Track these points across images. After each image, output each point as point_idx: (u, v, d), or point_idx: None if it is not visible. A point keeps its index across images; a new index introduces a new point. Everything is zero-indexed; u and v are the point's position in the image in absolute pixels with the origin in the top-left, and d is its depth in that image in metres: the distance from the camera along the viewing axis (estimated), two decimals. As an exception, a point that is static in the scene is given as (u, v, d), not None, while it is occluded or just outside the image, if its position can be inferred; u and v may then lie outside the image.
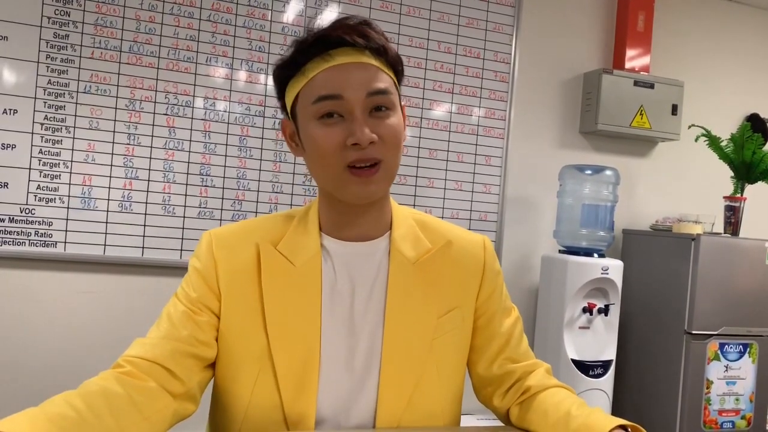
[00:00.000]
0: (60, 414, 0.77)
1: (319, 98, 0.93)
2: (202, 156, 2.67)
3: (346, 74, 0.93)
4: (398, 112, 0.97)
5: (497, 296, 1.11)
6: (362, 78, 0.93)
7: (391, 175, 0.98)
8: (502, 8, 3.09)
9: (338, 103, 0.92)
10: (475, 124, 3.07)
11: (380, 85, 0.94)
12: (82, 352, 2.55)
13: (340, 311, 1.00)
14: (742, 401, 2.90)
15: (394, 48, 0.99)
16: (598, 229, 2.96)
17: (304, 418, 0.97)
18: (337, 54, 0.93)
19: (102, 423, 0.81)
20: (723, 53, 3.64)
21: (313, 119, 0.94)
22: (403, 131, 1.00)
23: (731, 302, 2.86)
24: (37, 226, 2.47)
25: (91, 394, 0.83)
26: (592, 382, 2.81)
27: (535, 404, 1.04)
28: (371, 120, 0.94)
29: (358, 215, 1.01)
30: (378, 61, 0.95)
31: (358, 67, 0.93)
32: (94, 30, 2.52)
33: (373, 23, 0.98)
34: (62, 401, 0.80)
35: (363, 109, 0.93)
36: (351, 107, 0.92)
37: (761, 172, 2.98)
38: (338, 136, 0.92)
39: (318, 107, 0.93)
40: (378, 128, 0.93)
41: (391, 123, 0.95)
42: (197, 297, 1.00)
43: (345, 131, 0.92)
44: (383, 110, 0.95)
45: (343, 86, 0.92)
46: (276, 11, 2.75)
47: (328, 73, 0.93)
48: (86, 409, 0.80)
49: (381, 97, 0.94)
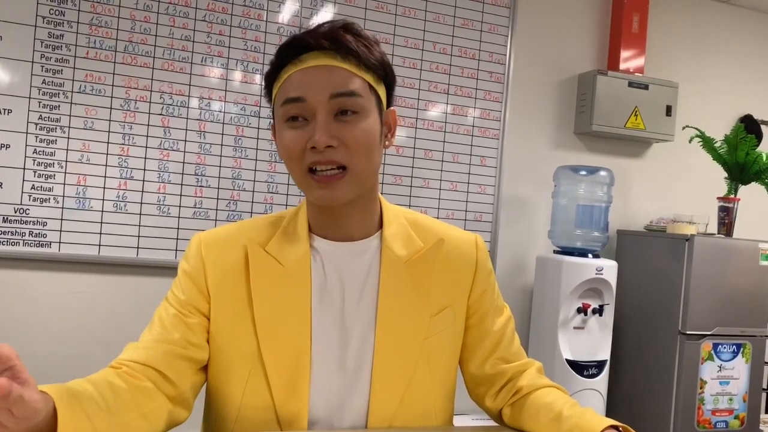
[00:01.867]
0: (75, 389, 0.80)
1: (285, 101, 0.94)
2: (197, 156, 2.67)
3: (311, 77, 0.92)
4: (370, 117, 0.95)
5: (489, 295, 1.11)
6: (326, 80, 0.92)
7: (361, 180, 0.96)
8: (497, 9, 3.10)
9: (301, 105, 0.92)
10: (470, 125, 3.08)
11: (345, 88, 0.92)
12: (77, 353, 2.55)
13: (331, 311, 1.00)
14: (735, 401, 2.91)
15: (377, 52, 0.97)
16: (593, 229, 2.97)
17: (297, 418, 0.97)
18: (307, 58, 0.93)
19: (110, 411, 0.83)
20: (717, 55, 3.65)
21: (282, 122, 0.95)
22: (378, 136, 0.97)
23: (725, 303, 2.88)
24: (31, 226, 2.47)
25: (98, 383, 0.85)
26: (586, 382, 2.81)
27: (527, 405, 1.04)
28: (335, 124, 0.92)
29: (340, 216, 1.01)
30: (348, 64, 0.93)
31: (324, 70, 0.93)
32: (89, 30, 2.51)
33: (357, 27, 0.97)
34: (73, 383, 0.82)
35: (327, 112, 0.92)
36: (313, 110, 0.92)
37: (755, 173, 2.99)
38: (301, 139, 0.92)
39: (285, 110, 0.94)
40: (341, 132, 0.92)
41: (357, 127, 0.93)
42: (187, 299, 1.00)
43: (307, 134, 0.92)
44: (349, 114, 0.93)
45: (306, 89, 0.92)
46: (271, 11, 2.75)
47: (295, 77, 0.93)
48: (97, 394, 0.82)
49: (345, 99, 0.92)
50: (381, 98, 0.99)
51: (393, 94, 1.03)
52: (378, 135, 0.97)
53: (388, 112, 1.02)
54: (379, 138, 0.98)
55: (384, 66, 0.99)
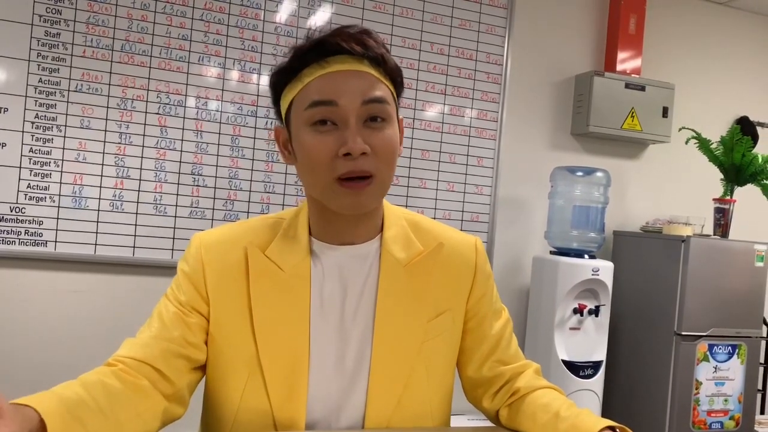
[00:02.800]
0: (67, 396, 0.80)
1: (312, 103, 0.91)
2: (194, 155, 2.66)
3: (342, 81, 0.91)
4: (394, 125, 0.95)
5: (488, 298, 1.11)
6: (358, 86, 0.91)
7: (384, 188, 0.96)
8: (495, 10, 3.10)
9: (332, 109, 0.90)
10: (467, 125, 3.08)
11: (376, 94, 0.92)
12: (72, 352, 2.54)
13: (330, 315, 1.00)
14: (730, 402, 2.92)
15: (393, 59, 0.97)
16: (589, 230, 2.98)
17: (294, 422, 0.97)
18: (333, 61, 0.92)
19: (102, 413, 0.82)
20: (714, 56, 3.66)
21: (305, 126, 0.93)
22: (399, 145, 0.98)
23: (720, 304, 2.88)
24: (27, 225, 2.46)
25: (91, 385, 0.85)
26: (582, 382, 2.82)
27: (524, 406, 1.04)
28: (365, 130, 0.92)
29: (348, 223, 1.00)
30: (376, 71, 0.93)
31: (355, 75, 0.92)
32: (86, 29, 2.51)
33: (374, 33, 0.96)
34: (65, 387, 0.82)
35: (357, 118, 0.91)
36: (345, 115, 0.90)
37: (751, 174, 3.00)
38: (331, 145, 0.90)
39: (311, 113, 0.91)
40: (371, 139, 0.91)
41: (385, 134, 0.93)
42: (186, 300, 0.99)
43: (338, 140, 0.90)
44: (378, 121, 0.92)
45: (338, 93, 0.90)
46: (269, 11, 2.75)
47: (323, 80, 0.91)
48: (88, 397, 0.82)
49: (377, 106, 0.92)
50: (398, 107, 0.99)
51: (400, 100, 1.03)
52: (399, 143, 0.97)
53: (399, 120, 1.01)
54: (398, 146, 0.98)
55: (400, 74, 0.99)
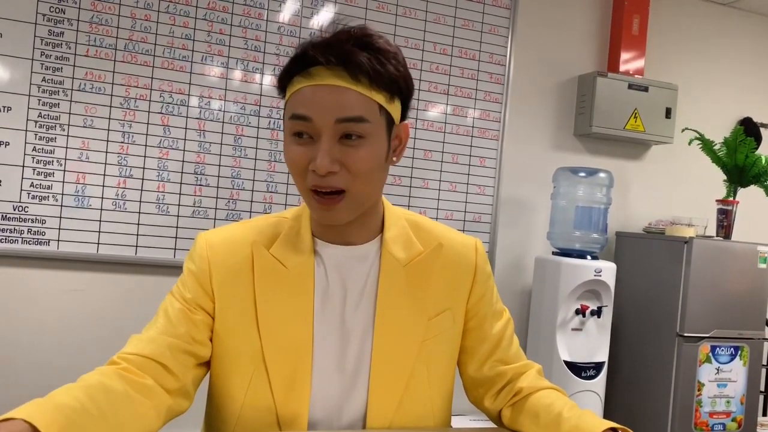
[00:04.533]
0: (64, 403, 0.79)
1: (292, 116, 0.92)
2: (197, 155, 2.67)
3: (320, 96, 0.90)
4: (376, 142, 0.93)
5: (488, 299, 1.11)
6: (333, 102, 0.89)
7: (358, 203, 0.96)
8: (498, 10, 3.10)
9: (308, 124, 0.91)
10: (469, 126, 3.08)
11: (353, 113, 0.90)
12: (75, 351, 2.54)
13: (332, 314, 1.01)
14: (732, 403, 2.92)
15: (391, 67, 0.92)
16: (592, 231, 2.97)
17: (297, 420, 0.97)
18: (316, 73, 0.91)
19: (103, 416, 0.82)
20: (717, 57, 3.65)
21: (289, 134, 0.94)
22: (386, 156, 0.96)
23: (723, 305, 2.88)
24: (30, 224, 2.47)
25: (92, 388, 0.84)
26: (584, 383, 2.82)
27: (527, 406, 1.04)
28: (340, 147, 0.91)
29: (344, 226, 1.00)
30: (359, 86, 0.90)
31: (333, 91, 0.90)
32: (89, 28, 2.51)
33: (377, 38, 0.93)
34: (64, 392, 0.81)
35: (332, 135, 0.90)
36: (318, 131, 0.90)
37: (754, 175, 2.99)
38: (305, 157, 0.91)
39: (292, 124, 0.93)
40: (345, 157, 0.91)
41: (360, 154, 0.91)
42: (192, 297, 1.00)
43: (310, 153, 0.91)
44: (353, 138, 0.91)
45: (314, 109, 0.90)
46: (272, 11, 2.75)
47: (303, 92, 0.91)
48: (88, 401, 0.81)
49: (351, 124, 0.90)
50: (392, 116, 0.96)
51: (409, 105, 1.00)
52: (383, 157, 0.95)
53: (401, 126, 0.99)
54: (385, 158, 0.96)
55: (399, 81, 0.94)
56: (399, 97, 0.96)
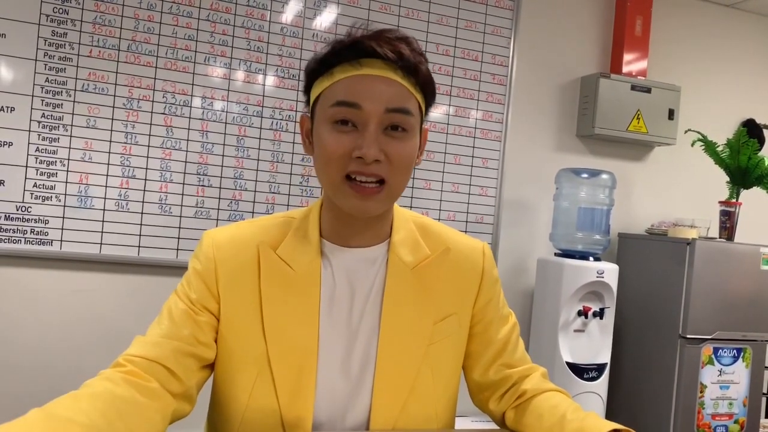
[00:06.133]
0: (70, 419, 0.77)
1: (337, 102, 0.92)
2: (200, 155, 2.67)
3: (370, 85, 0.91)
4: (415, 136, 0.96)
5: (495, 303, 1.11)
6: (385, 93, 0.91)
7: (394, 196, 0.97)
8: (501, 11, 3.10)
9: (355, 112, 0.91)
10: (472, 127, 3.08)
11: (402, 104, 0.92)
12: (78, 351, 2.55)
13: (338, 317, 1.00)
14: (735, 405, 2.91)
15: (426, 70, 0.96)
16: (594, 232, 2.97)
17: (302, 422, 0.97)
18: (367, 63, 0.92)
19: (111, 427, 0.80)
20: (720, 58, 3.65)
21: (327, 122, 0.93)
22: (417, 156, 0.98)
23: (726, 307, 2.87)
24: (33, 224, 2.47)
25: (98, 397, 0.83)
26: (586, 385, 2.81)
27: (531, 408, 1.04)
28: (384, 137, 0.92)
29: (359, 225, 1.01)
30: (406, 81, 0.93)
31: (384, 82, 0.92)
32: (93, 28, 2.52)
33: (414, 42, 0.96)
34: (71, 404, 0.80)
35: (378, 124, 0.91)
36: (366, 119, 0.91)
37: (757, 177, 2.99)
38: (346, 145, 0.91)
39: (335, 111, 0.92)
40: (389, 147, 0.92)
41: (404, 145, 0.93)
42: (197, 298, 1.00)
43: (354, 141, 0.91)
44: (399, 130, 0.93)
45: (364, 96, 0.91)
46: (275, 11, 2.75)
47: (352, 81, 0.92)
48: (95, 413, 0.80)
49: (400, 116, 0.92)
50: (424, 119, 0.99)
51: (429, 111, 1.02)
52: (415, 155, 0.98)
53: (423, 130, 1.01)
54: (415, 158, 0.98)
55: (432, 84, 0.98)
56: (427, 100, 0.99)
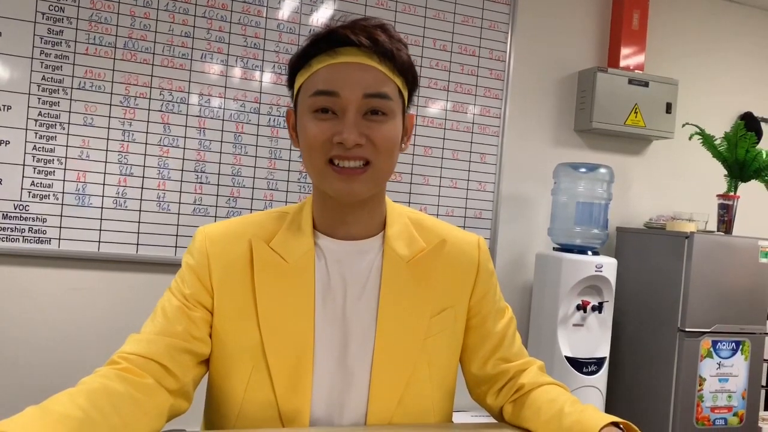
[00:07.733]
0: (66, 414, 0.78)
1: (316, 92, 0.93)
2: (197, 153, 2.67)
3: (347, 73, 0.93)
4: (396, 120, 0.97)
5: (491, 297, 1.11)
6: (362, 79, 0.93)
7: (379, 178, 0.97)
8: (498, 6, 3.09)
9: (333, 100, 0.93)
10: (470, 122, 3.08)
11: (380, 89, 0.94)
12: (76, 349, 2.55)
13: (333, 309, 1.01)
14: (734, 398, 2.92)
15: (406, 56, 0.98)
16: (593, 226, 2.97)
17: (299, 415, 0.97)
18: (342, 52, 0.93)
19: (107, 421, 0.81)
20: (717, 52, 3.65)
21: (308, 112, 0.95)
22: (401, 140, 0.99)
23: (724, 300, 2.88)
24: (31, 222, 2.47)
25: (94, 392, 0.83)
26: (585, 379, 2.82)
27: (529, 401, 1.04)
28: (364, 122, 0.94)
29: (349, 213, 1.01)
30: (384, 66, 0.95)
31: (360, 68, 0.93)
32: (89, 26, 2.51)
33: (391, 28, 0.98)
34: (66, 400, 0.80)
35: (357, 110, 0.93)
36: (345, 106, 0.92)
37: (755, 170, 2.99)
38: (327, 132, 0.93)
39: (314, 101, 0.94)
40: (370, 131, 0.93)
41: (384, 128, 0.94)
42: (191, 293, 1.00)
43: (334, 127, 0.93)
44: (379, 114, 0.94)
45: (341, 84, 0.92)
46: (271, 8, 2.75)
47: (329, 70, 0.93)
48: (91, 407, 0.81)
49: (378, 100, 0.94)
50: (405, 102, 1.00)
51: (413, 97, 1.04)
52: (399, 138, 0.99)
53: (408, 116, 1.03)
54: (400, 140, 0.99)
55: (412, 69, 0.99)
56: (408, 85, 1.00)
